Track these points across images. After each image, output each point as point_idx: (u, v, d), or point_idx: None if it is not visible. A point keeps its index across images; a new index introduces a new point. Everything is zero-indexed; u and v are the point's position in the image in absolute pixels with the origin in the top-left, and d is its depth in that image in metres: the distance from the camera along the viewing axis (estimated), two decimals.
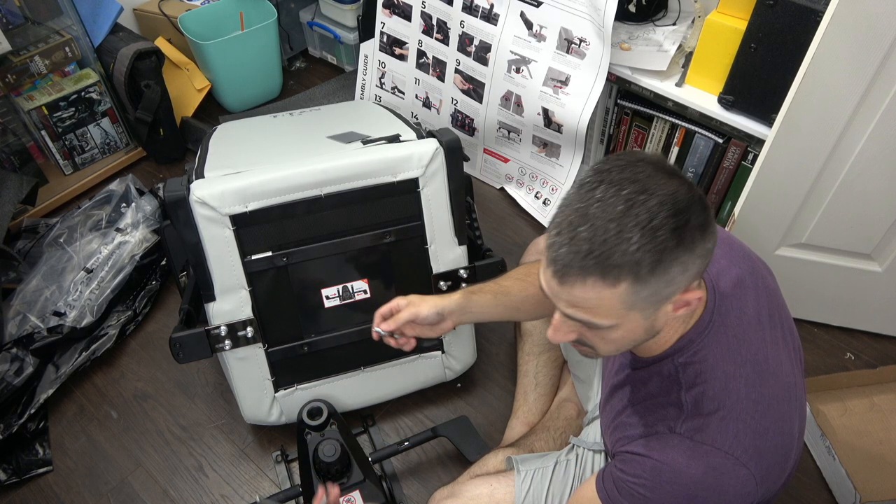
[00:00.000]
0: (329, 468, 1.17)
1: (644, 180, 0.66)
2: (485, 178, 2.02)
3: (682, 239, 0.65)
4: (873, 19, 1.09)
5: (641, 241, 0.63)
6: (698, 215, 0.66)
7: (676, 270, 0.66)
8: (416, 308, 1.04)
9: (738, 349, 0.79)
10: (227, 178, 1.18)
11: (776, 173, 1.34)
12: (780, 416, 0.79)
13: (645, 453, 0.78)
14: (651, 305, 0.69)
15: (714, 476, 0.75)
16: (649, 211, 0.64)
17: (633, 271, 0.64)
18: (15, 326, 1.47)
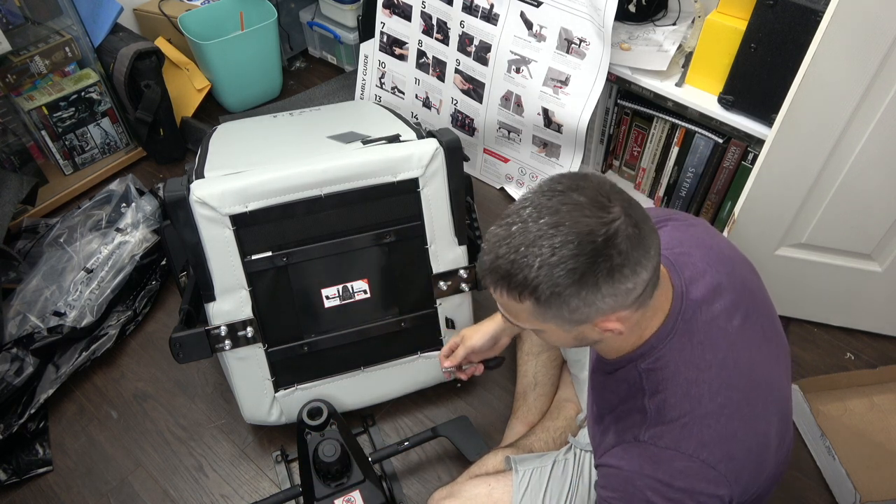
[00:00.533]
0: (329, 468, 1.17)
1: (564, 213, 0.67)
2: (485, 178, 2.02)
3: (582, 281, 0.67)
4: (873, 19, 1.09)
5: (539, 272, 0.67)
6: (608, 260, 0.66)
7: (577, 303, 0.69)
8: (469, 342, 1.14)
9: (703, 354, 0.78)
10: (227, 178, 1.18)
11: (776, 173, 1.34)
12: (752, 417, 0.79)
13: (615, 464, 0.80)
14: (564, 324, 0.72)
15: (683, 479, 0.75)
16: (552, 247, 0.66)
17: (532, 294, 0.68)
18: (15, 326, 1.47)
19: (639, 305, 0.74)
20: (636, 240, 0.68)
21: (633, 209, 0.70)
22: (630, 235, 0.68)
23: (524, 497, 1.04)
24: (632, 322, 0.76)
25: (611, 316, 0.72)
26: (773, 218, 1.42)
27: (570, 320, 0.71)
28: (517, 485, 1.06)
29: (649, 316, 0.78)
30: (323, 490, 1.17)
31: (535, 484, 1.05)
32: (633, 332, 0.79)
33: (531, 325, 0.75)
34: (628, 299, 0.71)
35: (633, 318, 0.75)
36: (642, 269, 0.70)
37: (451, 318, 1.37)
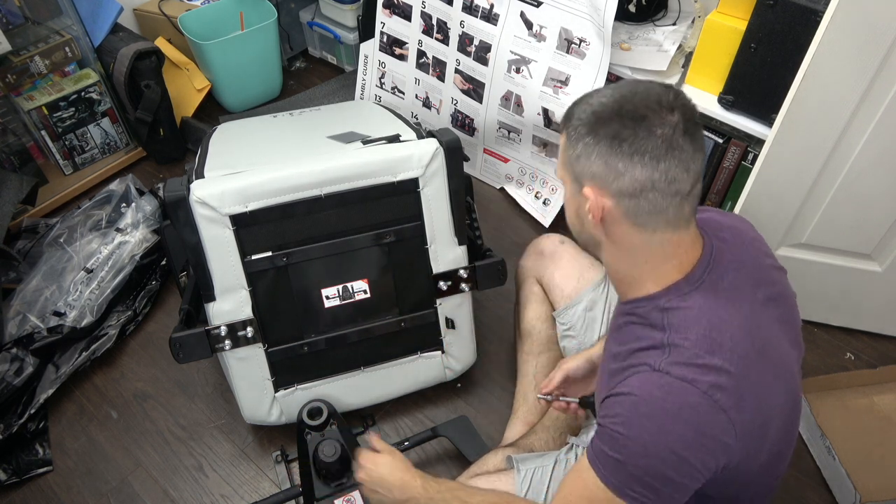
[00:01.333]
0: (329, 468, 1.17)
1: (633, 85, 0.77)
2: (485, 178, 2.02)
3: (594, 129, 0.75)
4: (873, 19, 1.09)
5: (581, 107, 0.78)
6: (622, 129, 0.73)
7: (581, 149, 0.76)
8: (565, 367, 1.12)
9: (726, 309, 0.78)
10: (227, 178, 1.18)
11: (776, 173, 1.34)
12: (763, 381, 0.78)
13: (625, 391, 0.77)
14: (572, 175, 0.80)
15: (691, 413, 0.73)
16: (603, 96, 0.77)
17: (566, 125, 0.80)
18: (15, 326, 1.47)
19: (629, 214, 0.76)
20: (663, 145, 0.72)
21: (690, 134, 0.74)
22: (664, 137, 0.72)
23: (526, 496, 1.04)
24: (623, 234, 0.78)
25: (595, 187, 0.76)
26: (773, 218, 1.42)
27: (574, 173, 0.79)
28: (519, 484, 1.05)
29: (659, 257, 0.79)
30: (323, 490, 1.17)
31: (538, 483, 1.05)
32: (630, 260, 0.80)
33: (560, 169, 0.83)
34: (611, 182, 0.75)
35: (621, 227, 0.77)
36: (641, 168, 0.73)
37: (451, 318, 1.37)
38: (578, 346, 1.26)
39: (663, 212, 0.75)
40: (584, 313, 1.25)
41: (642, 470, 0.74)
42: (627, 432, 0.75)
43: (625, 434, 0.75)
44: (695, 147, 0.74)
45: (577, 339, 1.26)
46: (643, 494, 0.75)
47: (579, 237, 0.87)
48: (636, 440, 0.74)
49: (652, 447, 0.73)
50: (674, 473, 0.74)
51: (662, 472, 0.74)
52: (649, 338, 0.79)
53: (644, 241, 0.78)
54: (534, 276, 1.34)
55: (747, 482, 0.84)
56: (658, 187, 0.73)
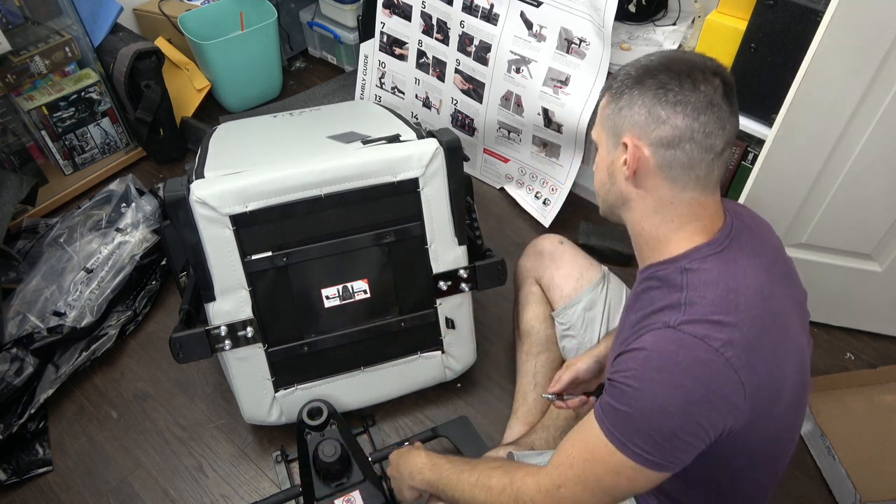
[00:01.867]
0: (329, 468, 1.17)
1: (679, 52, 0.82)
2: (485, 178, 2.02)
3: (640, 80, 0.79)
4: (873, 19, 1.09)
5: (626, 69, 0.83)
6: (669, 82, 0.77)
7: (626, 101, 0.80)
8: (574, 367, 1.12)
9: (745, 275, 0.79)
10: (227, 178, 1.18)
11: (776, 173, 1.34)
12: (777, 348, 0.78)
13: (637, 346, 0.77)
14: (611, 132, 0.83)
15: (701, 368, 0.73)
16: (649, 58, 0.82)
17: (610, 87, 0.84)
18: (15, 326, 1.47)
19: (663, 166, 0.79)
20: (704, 101, 0.77)
21: (730, 99, 0.79)
22: (705, 93, 0.77)
23: None
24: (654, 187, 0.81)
25: (634, 137, 0.79)
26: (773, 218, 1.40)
27: (614, 128, 0.82)
28: None
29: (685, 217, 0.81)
30: (323, 490, 1.17)
31: None
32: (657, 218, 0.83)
33: (598, 128, 0.86)
34: (652, 130, 0.78)
35: (653, 179, 0.80)
36: (683, 117, 0.77)
37: (451, 318, 1.37)
38: (578, 345, 1.26)
39: (696, 166, 0.79)
40: (584, 313, 1.25)
41: (648, 423, 0.74)
42: (637, 385, 0.75)
43: (634, 387, 0.75)
44: (731, 110, 0.79)
45: (577, 338, 1.26)
46: (645, 450, 0.75)
47: (605, 199, 0.89)
48: (645, 393, 0.74)
49: (661, 400, 0.73)
50: (679, 429, 0.74)
51: (668, 427, 0.74)
52: (667, 298, 0.80)
53: (673, 197, 0.81)
54: (533, 277, 1.35)
55: (751, 459, 0.83)
56: (696, 138, 0.77)
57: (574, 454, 0.81)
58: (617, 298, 1.26)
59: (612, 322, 1.25)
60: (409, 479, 1.04)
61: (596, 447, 0.78)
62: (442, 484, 0.97)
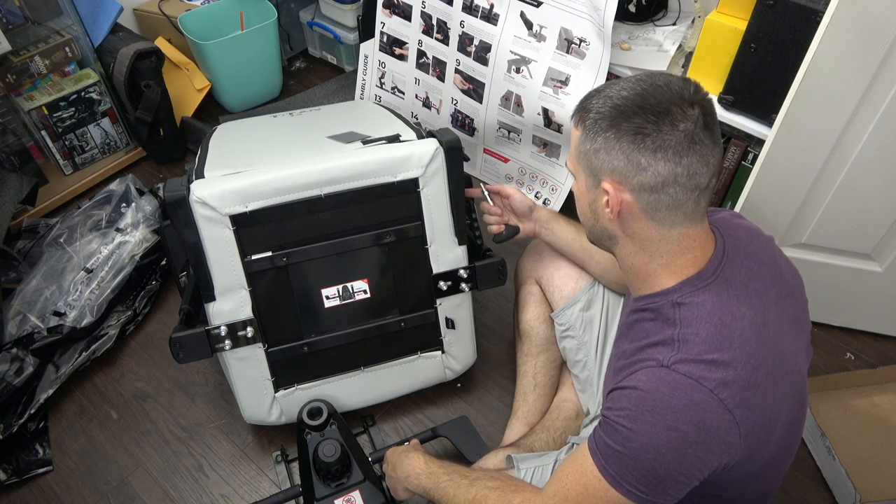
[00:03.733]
0: (329, 468, 1.17)
1: (652, 81, 0.77)
2: (485, 178, 2.02)
3: (615, 123, 0.76)
4: (873, 19, 1.09)
5: (599, 101, 0.78)
6: (646, 124, 0.74)
7: (601, 143, 0.77)
8: (517, 192, 1.27)
9: (739, 306, 0.78)
10: (228, 178, 1.18)
11: (776, 173, 1.34)
12: (772, 382, 0.78)
13: (631, 385, 0.77)
14: (588, 169, 0.81)
15: (696, 411, 0.73)
16: (622, 89, 0.77)
17: (583, 119, 0.80)
18: (15, 326, 1.47)
19: (648, 209, 0.77)
20: (685, 140, 0.73)
21: (710, 129, 0.75)
22: (685, 132, 0.73)
23: None
24: (641, 229, 0.79)
25: (614, 182, 0.77)
26: (773, 218, 1.42)
27: (591, 167, 0.80)
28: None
29: (675, 253, 0.80)
30: (323, 490, 1.17)
31: (538, 482, 1.05)
32: (646, 255, 0.81)
33: (573, 160, 0.84)
34: (633, 176, 0.76)
35: (639, 222, 0.79)
36: (665, 163, 0.74)
37: (451, 318, 1.37)
38: (578, 345, 1.26)
39: (682, 206, 0.77)
40: (582, 313, 1.25)
41: (642, 464, 0.74)
42: (632, 426, 0.75)
43: (629, 428, 0.75)
44: (713, 141, 0.76)
45: (577, 338, 1.26)
46: (638, 489, 0.75)
47: (592, 231, 0.88)
48: (640, 434, 0.74)
49: (655, 443, 0.73)
50: (673, 470, 0.74)
51: (662, 468, 0.74)
52: (660, 333, 0.79)
53: (661, 236, 0.80)
54: (533, 277, 1.35)
55: (748, 482, 0.84)
56: (680, 181, 0.75)
57: (569, 485, 0.82)
58: (615, 298, 1.26)
59: (612, 321, 1.25)
60: (405, 481, 1.05)
61: (590, 482, 0.79)
62: (438, 494, 0.98)
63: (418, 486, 1.02)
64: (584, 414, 1.30)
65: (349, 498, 1.16)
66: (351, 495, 1.17)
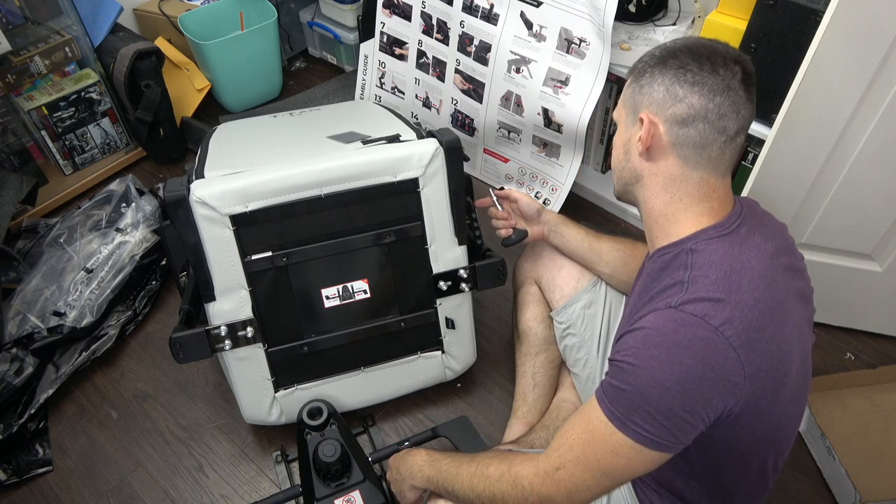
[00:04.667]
0: (329, 468, 1.17)
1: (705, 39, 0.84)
2: (485, 178, 2.02)
3: (663, 60, 0.83)
4: (873, 19, 1.09)
5: (648, 53, 0.87)
6: (691, 62, 0.80)
7: (647, 80, 0.84)
8: (524, 196, 1.30)
9: (749, 258, 0.80)
10: (228, 178, 1.18)
11: (776, 173, 1.34)
12: (779, 330, 0.78)
13: (639, 327, 0.78)
14: (630, 110, 0.87)
15: (700, 346, 0.73)
16: (674, 42, 0.85)
17: (633, 70, 0.88)
18: (15, 326, 1.47)
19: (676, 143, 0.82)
20: (721, 84, 0.79)
21: (747, 87, 0.81)
22: (723, 77, 0.80)
23: None
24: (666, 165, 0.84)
25: (651, 113, 0.83)
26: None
27: (633, 105, 0.86)
28: None
29: (694, 197, 0.84)
30: (323, 490, 1.17)
31: None
32: (666, 195, 0.85)
33: (619, 108, 0.90)
34: (668, 107, 0.81)
35: (666, 157, 0.84)
36: (699, 97, 0.80)
37: (451, 318, 1.37)
38: (579, 343, 1.26)
39: (707, 147, 0.82)
40: (583, 311, 1.25)
41: (646, 400, 0.74)
42: (636, 362, 0.76)
43: (634, 364, 0.76)
44: (748, 97, 0.82)
45: (578, 336, 1.26)
46: (644, 428, 0.75)
47: (621, 175, 0.92)
48: (644, 370, 0.75)
49: (660, 377, 0.74)
50: (678, 406, 0.74)
51: (667, 403, 0.74)
52: (671, 277, 0.81)
53: (684, 175, 0.84)
54: (532, 277, 1.35)
55: (754, 444, 0.83)
56: (709, 118, 0.80)
57: (574, 436, 0.82)
58: (617, 297, 1.26)
59: (614, 320, 1.25)
60: (410, 478, 1.04)
61: (596, 427, 0.79)
62: (441, 478, 0.98)
63: (422, 477, 1.02)
64: None
65: (349, 498, 1.17)
66: (351, 495, 1.17)
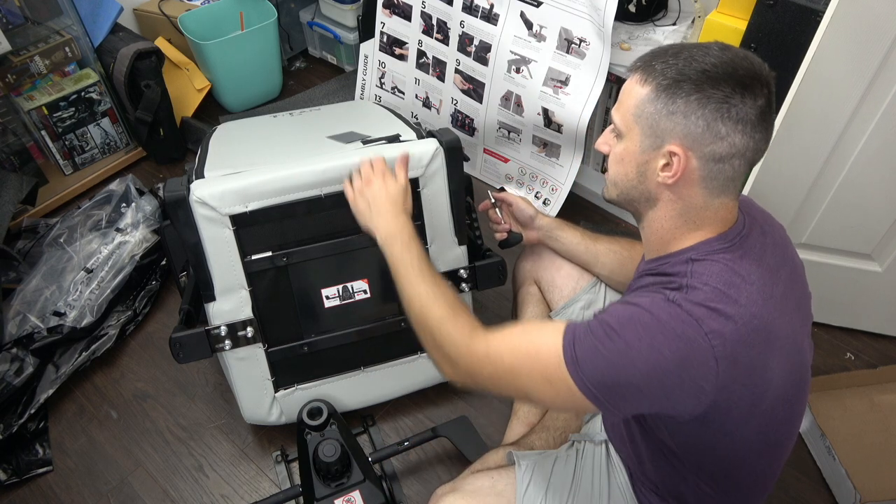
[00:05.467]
0: (329, 468, 1.17)
1: (736, 51, 0.76)
2: (485, 178, 2.02)
3: (701, 87, 0.74)
4: (873, 19, 1.09)
5: (681, 60, 0.76)
6: (734, 95, 0.73)
7: (679, 105, 0.75)
8: (520, 200, 1.30)
9: (749, 273, 0.79)
10: (228, 178, 1.18)
11: (776, 173, 1.34)
12: (768, 349, 0.78)
13: (633, 301, 0.78)
14: (649, 131, 0.78)
15: (684, 345, 0.73)
16: (708, 54, 0.75)
17: (657, 80, 0.77)
18: (15, 326, 1.47)
19: (707, 178, 0.77)
20: (760, 116, 0.75)
21: (773, 109, 0.76)
22: (761, 108, 0.74)
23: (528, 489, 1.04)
24: (689, 195, 0.79)
25: (685, 147, 0.76)
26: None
27: (656, 129, 0.77)
28: (520, 477, 1.05)
29: (708, 219, 0.81)
30: (323, 490, 1.17)
31: (538, 477, 1.05)
32: (681, 220, 0.82)
33: (629, 118, 0.80)
34: (707, 144, 0.75)
35: (692, 188, 0.78)
36: (742, 136, 0.75)
37: None
38: None
39: (737, 179, 0.78)
40: (582, 311, 1.25)
41: (610, 365, 0.75)
42: (618, 329, 0.75)
43: (615, 329, 0.75)
44: (773, 121, 0.78)
45: None
46: (592, 383, 0.75)
47: (628, 192, 0.85)
48: (622, 339, 0.75)
49: (633, 354, 0.74)
50: (635, 385, 0.74)
51: (626, 378, 0.74)
52: (670, 278, 0.80)
53: (706, 204, 0.80)
54: (532, 277, 1.35)
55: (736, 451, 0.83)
56: (746, 156, 0.77)
57: (522, 342, 0.82)
58: (617, 297, 1.26)
59: None
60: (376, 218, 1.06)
61: (548, 353, 0.78)
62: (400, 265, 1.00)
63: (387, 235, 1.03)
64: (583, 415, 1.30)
65: (349, 498, 1.17)
66: (351, 495, 1.17)
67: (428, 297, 0.96)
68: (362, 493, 1.17)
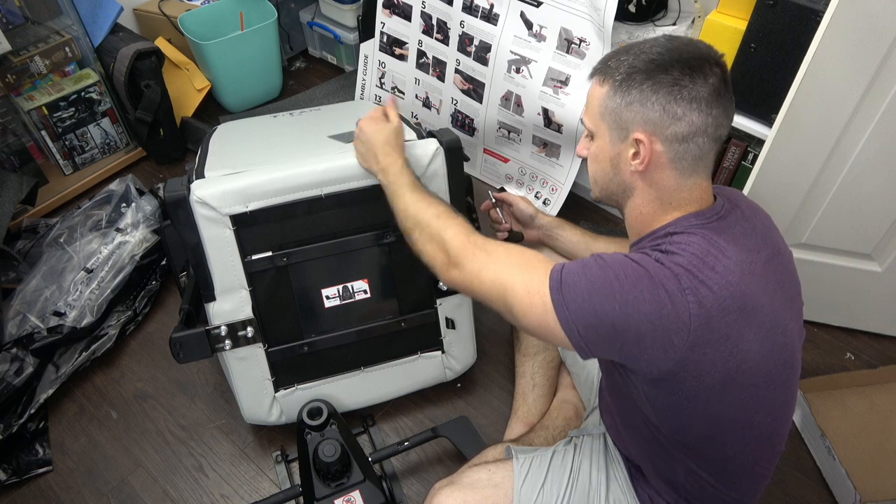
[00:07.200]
0: (329, 468, 1.17)
1: (679, 41, 0.81)
2: (485, 178, 2.02)
3: (652, 75, 0.79)
4: (873, 19, 1.09)
5: (629, 57, 0.81)
6: (682, 77, 0.78)
7: (635, 95, 0.80)
8: (520, 199, 1.33)
9: (727, 247, 0.80)
10: (228, 178, 1.18)
11: (776, 173, 1.34)
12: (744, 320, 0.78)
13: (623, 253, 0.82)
14: (615, 125, 0.83)
15: (662, 295, 0.75)
16: (652, 47, 0.81)
17: (612, 77, 0.82)
18: (15, 326, 1.47)
19: (675, 159, 0.81)
20: (713, 93, 0.78)
21: (728, 86, 0.80)
22: (713, 86, 0.78)
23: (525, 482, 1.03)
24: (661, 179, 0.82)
25: (647, 132, 0.80)
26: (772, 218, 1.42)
27: (620, 121, 0.82)
28: (518, 470, 1.05)
29: (683, 200, 0.84)
30: (323, 490, 1.17)
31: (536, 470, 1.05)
32: (658, 203, 0.84)
33: (595, 118, 0.85)
34: (667, 126, 0.79)
35: (663, 171, 0.82)
36: (699, 114, 0.79)
37: (451, 318, 1.37)
38: None
39: (705, 156, 0.82)
40: None
41: (593, 293, 0.77)
42: (611, 264, 0.79)
43: (601, 265, 0.79)
44: (730, 98, 0.82)
45: None
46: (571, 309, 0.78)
47: (606, 186, 0.90)
48: (608, 271, 0.78)
49: (616, 285, 0.76)
50: (610, 317, 0.76)
51: (605, 310, 0.76)
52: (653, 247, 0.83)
53: (679, 185, 0.83)
54: None
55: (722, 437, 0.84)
56: (708, 132, 0.80)
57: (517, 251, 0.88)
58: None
59: None
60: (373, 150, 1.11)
61: (537, 265, 0.83)
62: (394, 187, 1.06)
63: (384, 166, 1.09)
64: (583, 409, 1.30)
65: (349, 498, 1.17)
66: (351, 495, 1.17)
67: (423, 202, 1.01)
68: (362, 493, 1.17)
